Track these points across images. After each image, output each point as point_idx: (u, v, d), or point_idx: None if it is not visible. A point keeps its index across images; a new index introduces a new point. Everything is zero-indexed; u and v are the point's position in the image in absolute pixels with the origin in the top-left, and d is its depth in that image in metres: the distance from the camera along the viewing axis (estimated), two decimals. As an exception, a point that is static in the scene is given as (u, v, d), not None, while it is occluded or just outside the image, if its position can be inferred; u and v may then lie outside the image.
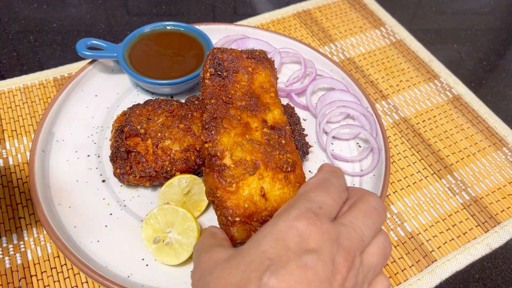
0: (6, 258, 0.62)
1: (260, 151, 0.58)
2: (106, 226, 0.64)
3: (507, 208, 0.71)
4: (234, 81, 0.63)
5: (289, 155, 0.59)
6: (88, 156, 0.71)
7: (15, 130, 0.75)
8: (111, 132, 0.71)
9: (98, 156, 0.71)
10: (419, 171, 0.75)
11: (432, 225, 0.69)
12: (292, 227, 0.39)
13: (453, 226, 0.69)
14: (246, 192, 0.55)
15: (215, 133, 0.57)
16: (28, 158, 0.71)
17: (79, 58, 0.87)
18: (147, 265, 0.61)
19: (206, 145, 0.57)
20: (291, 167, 0.58)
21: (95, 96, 0.79)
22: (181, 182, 0.65)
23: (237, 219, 0.54)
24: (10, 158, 0.72)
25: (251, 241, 0.40)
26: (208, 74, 0.63)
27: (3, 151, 0.73)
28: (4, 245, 0.63)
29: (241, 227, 0.54)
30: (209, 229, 0.54)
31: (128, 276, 0.59)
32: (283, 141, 0.60)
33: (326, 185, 0.44)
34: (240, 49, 0.63)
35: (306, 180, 0.55)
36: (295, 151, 0.61)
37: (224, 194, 0.54)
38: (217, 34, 0.87)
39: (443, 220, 0.70)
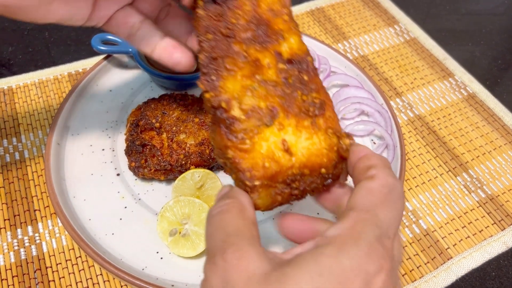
0: (22, 249, 0.62)
1: (277, 94, 0.45)
2: (120, 219, 0.64)
3: (524, 206, 0.70)
4: (234, 6, 0.49)
5: (315, 94, 0.46)
6: (103, 150, 0.71)
7: (31, 124, 0.76)
8: (126, 126, 0.71)
9: (113, 150, 0.71)
10: (434, 169, 0.74)
11: (448, 223, 0.68)
12: (361, 271, 0.31)
13: (469, 223, 0.68)
14: (264, 148, 0.43)
15: (216, 79, 0.45)
16: (44, 151, 0.71)
17: (93, 54, 0.88)
18: (161, 258, 0.61)
19: (207, 95, 0.45)
20: (319, 110, 0.45)
21: (110, 91, 0.79)
22: (194, 176, 0.65)
23: (257, 183, 0.42)
24: (25, 152, 0.72)
25: (300, 269, 0.31)
26: (200, 1, 0.49)
27: (19, 144, 0.73)
28: (20, 236, 0.63)
29: (264, 192, 0.43)
30: (235, 195, 0.41)
31: (143, 269, 0.59)
32: (305, 77, 0.47)
33: (394, 198, 0.36)
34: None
35: (342, 127, 0.45)
36: (322, 88, 0.48)
37: (237, 154, 0.42)
38: (231, 30, 0.87)
39: (458, 218, 0.69)
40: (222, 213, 0.38)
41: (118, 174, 0.69)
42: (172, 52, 0.55)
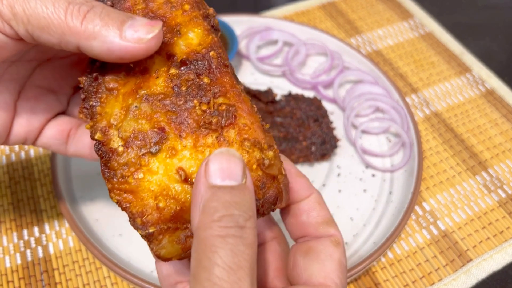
0: (28, 251, 0.61)
1: (166, 110, 0.35)
2: (128, 220, 0.62)
3: (547, 207, 0.67)
4: (125, 8, 0.38)
5: (222, 99, 0.36)
6: (110, 148, 0.69)
7: (37, 122, 0.74)
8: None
9: (121, 149, 0.69)
10: (452, 167, 0.72)
11: (467, 223, 0.66)
12: None
13: (489, 224, 0.66)
14: (154, 184, 0.34)
15: (95, 103, 0.36)
16: (50, 151, 0.70)
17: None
18: (170, 260, 0.59)
19: (87, 127, 0.36)
20: (227, 119, 0.35)
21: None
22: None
23: (152, 229, 0.34)
24: (31, 151, 0.71)
25: None
26: None
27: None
28: (26, 238, 0.62)
29: (168, 238, 0.34)
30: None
31: (152, 271, 0.58)
32: (205, 80, 0.36)
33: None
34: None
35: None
36: (233, 89, 0.37)
37: (122, 198, 0.34)
38: (240, 25, 0.85)
39: (478, 218, 0.66)
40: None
41: (126, 174, 0.67)
42: None
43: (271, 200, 0.36)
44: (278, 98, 0.74)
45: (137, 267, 0.58)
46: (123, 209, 0.35)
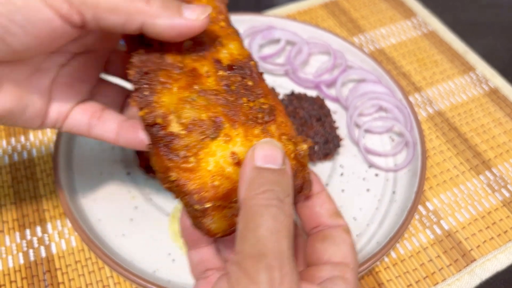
0: (31, 250, 0.61)
1: (220, 103, 0.41)
2: (131, 219, 0.62)
3: (551, 206, 0.67)
4: None
5: (263, 100, 0.43)
6: (113, 148, 0.69)
7: (39, 122, 0.74)
8: (136, 123, 0.69)
9: (123, 149, 0.69)
10: (456, 166, 0.71)
11: (470, 223, 0.65)
12: None
13: (492, 224, 0.65)
14: (211, 165, 0.38)
15: (149, 94, 0.40)
16: (52, 150, 0.70)
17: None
18: (173, 260, 0.59)
19: (141, 113, 0.40)
20: (269, 115, 0.42)
21: (120, 87, 0.77)
22: (207, 175, 0.63)
23: (208, 205, 0.38)
24: (34, 150, 0.71)
25: None
26: None
27: (27, 143, 0.71)
28: (29, 237, 0.62)
29: (217, 215, 0.39)
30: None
31: (154, 272, 0.58)
32: (250, 83, 0.43)
33: None
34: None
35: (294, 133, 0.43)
36: (271, 93, 0.45)
37: (181, 175, 0.38)
38: (242, 24, 0.85)
39: (482, 218, 0.66)
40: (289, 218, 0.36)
41: (128, 173, 0.67)
42: (137, 132, 0.48)
43: (299, 187, 0.41)
44: (280, 97, 0.74)
45: (139, 267, 0.58)
46: (180, 186, 0.38)
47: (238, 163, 0.39)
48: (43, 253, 0.60)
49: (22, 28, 0.37)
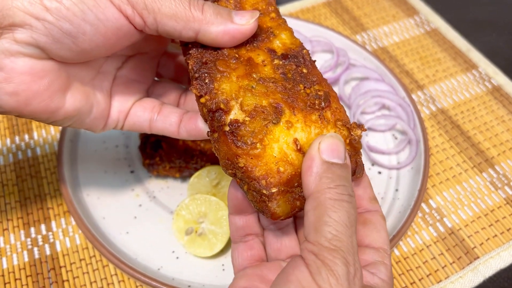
0: (35, 248, 0.61)
1: (279, 90, 0.42)
2: (135, 217, 0.63)
3: (554, 204, 0.67)
4: None
5: (318, 87, 0.44)
6: (117, 146, 0.69)
7: (43, 120, 0.75)
8: (140, 122, 0.69)
9: (127, 147, 0.69)
10: (459, 164, 0.71)
11: (474, 221, 0.65)
12: None
13: (496, 222, 0.65)
14: (276, 150, 0.40)
15: (210, 81, 0.42)
16: (56, 148, 0.70)
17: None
18: (177, 257, 0.59)
19: (203, 100, 0.42)
20: (325, 101, 0.43)
21: (123, 86, 0.77)
22: (210, 173, 0.63)
23: (274, 190, 0.39)
24: (38, 149, 0.71)
25: None
26: None
27: (31, 141, 0.72)
28: (33, 235, 0.62)
29: (282, 199, 0.40)
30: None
31: (159, 269, 0.58)
32: (304, 70, 0.45)
33: None
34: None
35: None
36: (324, 80, 0.46)
37: (249, 162, 0.39)
38: (246, 23, 0.85)
39: (485, 216, 0.66)
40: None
41: (132, 172, 0.67)
42: (196, 122, 0.50)
43: (352, 171, 0.42)
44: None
45: (144, 265, 0.58)
46: (247, 172, 0.39)
47: (300, 150, 0.40)
48: (48, 251, 0.61)
49: (93, 26, 0.40)
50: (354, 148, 0.42)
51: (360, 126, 0.43)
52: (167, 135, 0.52)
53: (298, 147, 0.40)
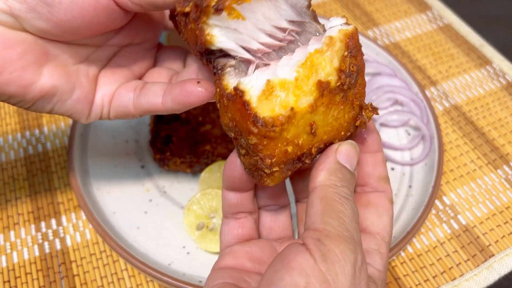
0: (46, 243, 0.61)
1: None
2: (145, 212, 0.62)
3: None
4: None
5: (353, 60, 0.38)
6: (127, 141, 0.69)
7: (53, 116, 0.74)
8: (151, 116, 0.69)
9: (137, 141, 0.69)
10: (473, 161, 0.70)
11: (488, 218, 0.64)
12: None
13: (511, 219, 0.64)
14: (291, 133, 0.37)
15: None
16: (66, 143, 0.70)
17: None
18: (188, 253, 0.59)
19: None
20: (354, 80, 0.39)
21: (133, 81, 0.77)
22: (221, 168, 0.62)
23: (276, 169, 0.38)
24: (48, 144, 0.71)
25: None
26: None
27: (41, 136, 0.72)
28: (44, 230, 0.62)
29: (278, 175, 0.40)
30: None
31: (169, 264, 0.57)
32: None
33: None
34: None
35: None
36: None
37: (261, 141, 0.37)
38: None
39: (500, 213, 0.65)
40: None
41: (142, 166, 0.67)
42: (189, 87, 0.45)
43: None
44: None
45: (154, 260, 0.57)
46: (255, 150, 0.37)
47: (313, 133, 0.38)
48: (58, 246, 0.60)
49: None
50: (356, 126, 0.41)
51: (374, 109, 0.42)
52: (153, 111, 0.47)
53: (312, 131, 0.38)
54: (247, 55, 0.40)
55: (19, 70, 0.41)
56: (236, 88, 0.37)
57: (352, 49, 0.38)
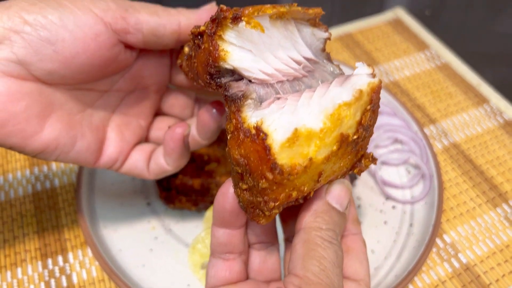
0: (52, 280, 0.61)
1: None
2: (151, 250, 0.63)
3: None
4: None
5: (372, 113, 0.38)
6: (133, 179, 0.71)
7: (62, 152, 0.76)
8: (157, 154, 0.70)
9: (143, 179, 0.71)
10: (472, 199, 0.72)
11: (489, 257, 0.65)
12: None
13: (511, 257, 0.65)
14: (301, 180, 0.36)
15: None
16: (74, 179, 0.71)
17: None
18: (193, 291, 0.60)
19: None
20: (369, 132, 0.40)
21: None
22: (226, 206, 0.63)
23: (276, 211, 0.38)
24: (56, 180, 0.72)
25: None
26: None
27: (50, 173, 0.73)
28: (50, 267, 0.63)
29: (274, 214, 0.39)
30: None
31: (174, 303, 0.58)
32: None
33: None
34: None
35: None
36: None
37: (271, 185, 0.36)
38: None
39: (500, 252, 0.66)
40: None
41: (148, 204, 0.68)
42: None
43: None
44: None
45: (159, 298, 0.58)
46: (262, 193, 0.36)
47: (319, 182, 0.37)
48: (64, 283, 0.61)
49: (72, 33, 0.40)
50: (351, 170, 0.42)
51: (373, 159, 0.42)
52: (165, 174, 0.53)
53: (319, 178, 0.37)
54: (262, 76, 0.39)
55: (23, 122, 0.41)
56: (258, 129, 0.35)
57: (375, 104, 0.38)
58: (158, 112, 0.57)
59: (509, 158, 0.77)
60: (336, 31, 0.99)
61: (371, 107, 0.37)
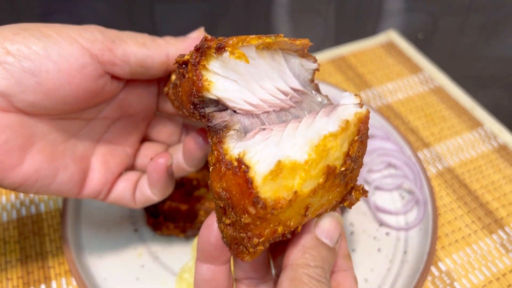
0: (34, 311, 0.59)
1: None
2: (137, 279, 0.61)
3: None
4: None
5: (360, 144, 0.38)
6: (121, 203, 0.69)
7: (49, 176, 0.74)
8: (145, 179, 0.69)
9: (131, 204, 0.69)
10: (467, 225, 0.70)
11: (485, 285, 0.63)
12: None
13: (508, 286, 0.63)
14: (286, 215, 0.35)
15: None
16: (60, 205, 0.70)
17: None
18: (179, 323, 0.57)
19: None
20: (358, 164, 0.38)
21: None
22: (215, 233, 0.62)
23: (260, 247, 0.36)
24: (42, 205, 0.71)
25: None
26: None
27: (35, 198, 0.71)
28: (32, 296, 0.61)
29: (259, 251, 0.37)
30: None
31: (160, 335, 0.56)
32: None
33: None
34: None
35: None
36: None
37: (255, 222, 0.34)
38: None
39: (496, 280, 0.64)
40: None
41: (135, 230, 0.66)
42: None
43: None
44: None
45: (144, 330, 0.56)
46: (245, 228, 0.35)
47: (306, 216, 0.36)
48: (47, 313, 0.59)
49: (56, 64, 0.39)
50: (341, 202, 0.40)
51: (364, 191, 0.41)
52: (151, 203, 0.52)
53: (306, 213, 0.36)
54: (247, 106, 0.38)
55: (2, 155, 0.40)
56: (240, 161, 0.34)
57: (363, 134, 0.37)
58: (144, 138, 0.55)
59: (504, 183, 0.76)
60: (329, 53, 0.99)
61: (359, 138, 0.36)
